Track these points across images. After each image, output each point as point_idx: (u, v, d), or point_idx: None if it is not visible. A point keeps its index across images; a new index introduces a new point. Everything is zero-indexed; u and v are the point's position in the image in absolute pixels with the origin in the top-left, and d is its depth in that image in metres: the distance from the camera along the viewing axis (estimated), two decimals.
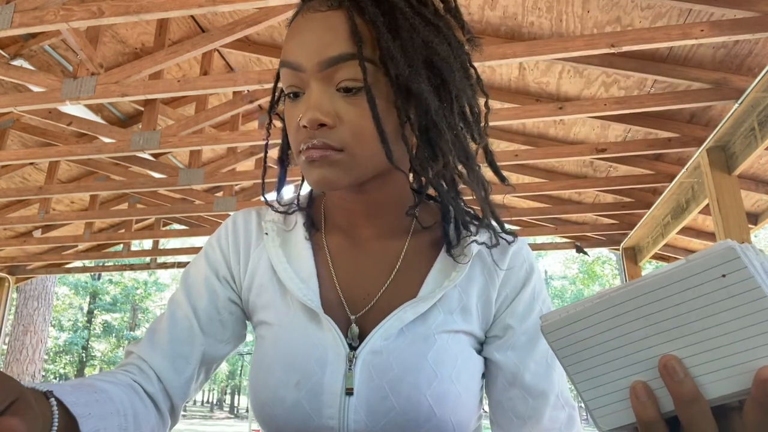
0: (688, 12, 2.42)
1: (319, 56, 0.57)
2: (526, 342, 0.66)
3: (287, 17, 1.63)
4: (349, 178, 0.59)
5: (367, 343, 0.61)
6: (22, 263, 5.95)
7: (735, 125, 2.67)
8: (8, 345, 8.09)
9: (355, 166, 0.59)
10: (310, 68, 0.58)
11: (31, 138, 4.03)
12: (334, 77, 0.57)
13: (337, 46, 0.57)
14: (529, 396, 0.65)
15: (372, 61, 0.57)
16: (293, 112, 0.60)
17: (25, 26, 2.26)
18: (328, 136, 0.57)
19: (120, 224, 5.75)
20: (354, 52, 0.56)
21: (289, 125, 0.62)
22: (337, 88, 0.58)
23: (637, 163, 3.64)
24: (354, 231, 0.69)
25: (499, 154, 3.49)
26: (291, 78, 0.60)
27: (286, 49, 0.60)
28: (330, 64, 0.57)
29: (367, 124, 0.57)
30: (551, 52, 2.30)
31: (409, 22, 0.58)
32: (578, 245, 5.02)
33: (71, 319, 22.61)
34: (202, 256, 0.74)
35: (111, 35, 3.42)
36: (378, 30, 0.57)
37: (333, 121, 0.57)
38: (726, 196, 2.77)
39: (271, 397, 0.61)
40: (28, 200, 4.84)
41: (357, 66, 0.56)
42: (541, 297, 0.69)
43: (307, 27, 0.59)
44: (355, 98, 0.57)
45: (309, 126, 0.57)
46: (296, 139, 0.60)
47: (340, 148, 0.58)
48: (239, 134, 3.34)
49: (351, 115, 0.57)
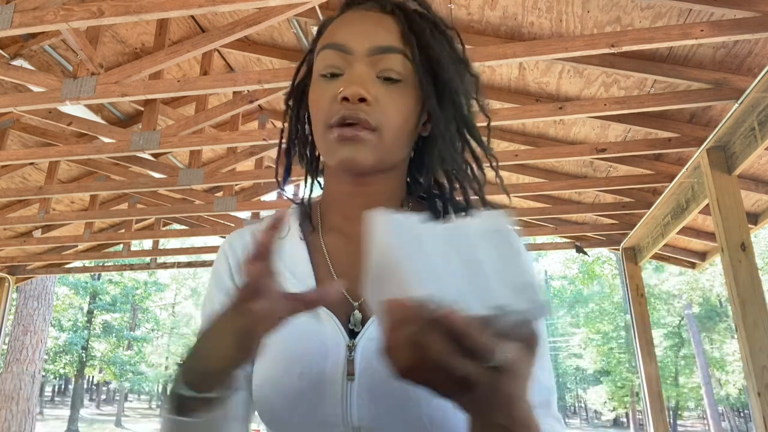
0: (688, 12, 2.42)
1: (371, 43, 0.65)
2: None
3: (287, 17, 1.63)
4: (374, 160, 0.65)
5: (366, 330, 0.63)
6: (22, 263, 5.95)
7: (735, 125, 2.67)
8: (8, 345, 8.08)
9: (381, 149, 0.65)
10: (359, 51, 0.64)
11: (31, 138, 4.03)
12: (379, 64, 0.64)
13: (388, 39, 0.65)
14: None
15: (417, 60, 0.65)
16: (329, 87, 0.65)
17: (25, 26, 2.25)
18: (366, 111, 0.63)
19: (120, 224, 5.75)
20: (401, 47, 0.65)
21: (321, 100, 0.66)
22: (378, 74, 0.64)
23: (637, 163, 3.64)
24: (349, 227, 0.72)
25: (499, 154, 3.49)
26: (334, 59, 0.66)
27: (334, 34, 0.67)
28: (379, 51, 0.64)
29: (398, 113, 0.65)
30: (551, 52, 2.30)
31: (447, 41, 0.69)
32: (578, 245, 5.02)
33: (71, 319, 22.59)
34: (211, 286, 0.77)
35: (111, 35, 3.42)
36: (425, 38, 0.66)
37: (372, 99, 0.63)
38: (726, 196, 2.77)
39: (275, 391, 0.62)
40: (28, 200, 4.84)
41: (400, 59, 0.65)
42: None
43: (359, 20, 0.67)
44: (393, 87, 0.65)
45: (351, 98, 0.62)
46: (329, 113, 0.64)
47: (375, 126, 0.63)
48: (239, 134, 3.35)
49: (387, 101, 0.64)
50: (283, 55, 3.53)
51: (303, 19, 3.10)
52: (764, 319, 2.59)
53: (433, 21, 0.70)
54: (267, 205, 4.71)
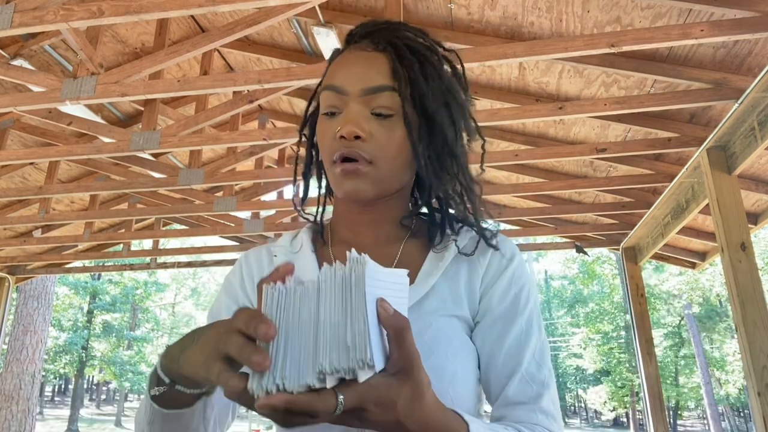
0: (688, 12, 2.42)
1: (363, 84, 0.71)
2: (501, 324, 0.73)
3: (287, 17, 1.61)
4: (374, 191, 0.72)
5: None
6: (22, 263, 5.95)
7: (735, 125, 2.67)
8: (8, 345, 8.08)
9: (379, 179, 0.71)
10: (352, 92, 0.71)
11: (31, 138, 4.03)
12: (371, 103, 0.71)
13: (379, 78, 0.71)
14: (501, 375, 0.71)
15: (404, 95, 0.71)
16: (330, 126, 0.72)
17: (25, 26, 2.25)
18: (361, 147, 0.69)
19: (120, 224, 5.75)
20: (392, 85, 0.71)
21: (324, 138, 0.73)
22: (372, 111, 0.71)
23: (637, 163, 3.64)
24: (357, 240, 0.79)
25: (499, 154, 3.49)
26: (332, 99, 0.72)
27: (333, 76, 0.74)
28: (370, 91, 0.70)
29: (392, 145, 0.71)
30: (551, 52, 2.29)
31: (436, 72, 0.75)
32: (578, 245, 5.03)
33: (71, 319, 22.58)
34: (221, 292, 0.83)
35: (111, 35, 3.42)
36: (414, 73, 0.72)
37: (366, 135, 0.69)
38: (726, 196, 2.77)
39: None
40: (28, 200, 4.84)
41: (392, 96, 0.71)
42: (519, 283, 0.75)
43: (353, 61, 0.73)
44: (386, 122, 0.71)
45: (347, 136, 0.69)
46: (331, 150, 0.72)
47: (370, 159, 0.70)
48: (239, 134, 3.35)
49: (380, 135, 0.70)
50: (283, 55, 3.53)
51: (303, 19, 3.11)
52: (764, 319, 2.59)
53: (423, 54, 0.74)
54: (267, 205, 4.72)
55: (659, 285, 20.72)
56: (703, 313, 20.91)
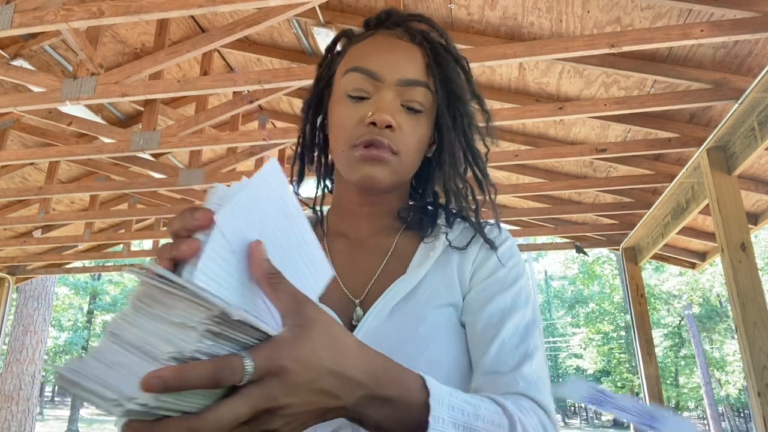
0: (688, 12, 2.42)
1: (401, 74, 0.70)
2: (483, 298, 0.70)
3: (287, 17, 1.62)
4: (391, 180, 0.71)
5: (365, 323, 0.67)
6: (22, 263, 5.94)
7: (735, 125, 2.67)
8: (8, 345, 8.08)
9: (399, 171, 0.71)
10: (389, 80, 0.70)
11: (31, 138, 4.03)
12: (404, 94, 0.71)
13: (416, 72, 0.71)
14: (481, 342, 0.67)
15: (439, 94, 0.72)
16: (356, 109, 0.70)
17: (25, 26, 2.26)
18: (390, 137, 0.69)
19: (120, 224, 5.75)
20: (426, 81, 0.72)
21: (346, 120, 0.71)
22: (403, 103, 0.71)
23: (637, 163, 3.64)
24: (354, 232, 0.78)
25: (499, 154, 3.49)
26: (363, 83, 0.71)
27: (366, 59, 0.72)
28: (406, 83, 0.70)
29: (416, 140, 0.72)
30: (551, 52, 2.30)
31: (465, 75, 0.77)
32: (578, 245, 5.02)
33: (71, 319, 22.58)
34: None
35: (111, 35, 3.42)
36: (449, 73, 0.73)
37: (397, 126, 0.69)
38: (726, 196, 2.77)
39: None
40: (28, 200, 4.84)
41: (425, 93, 0.71)
42: (508, 264, 0.73)
43: (391, 48, 0.73)
44: (415, 116, 0.71)
45: (379, 125, 0.68)
46: (354, 133, 0.70)
47: (396, 150, 0.69)
48: (239, 134, 3.35)
49: (408, 128, 0.70)
50: (283, 55, 3.53)
51: (303, 20, 3.11)
52: (764, 319, 2.59)
53: (454, 55, 0.76)
54: None
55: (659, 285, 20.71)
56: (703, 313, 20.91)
